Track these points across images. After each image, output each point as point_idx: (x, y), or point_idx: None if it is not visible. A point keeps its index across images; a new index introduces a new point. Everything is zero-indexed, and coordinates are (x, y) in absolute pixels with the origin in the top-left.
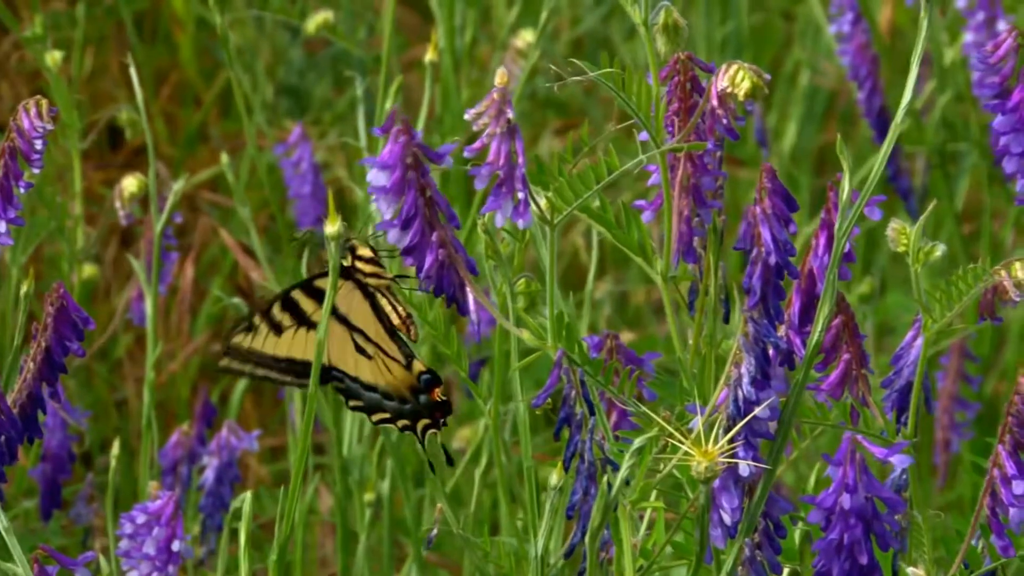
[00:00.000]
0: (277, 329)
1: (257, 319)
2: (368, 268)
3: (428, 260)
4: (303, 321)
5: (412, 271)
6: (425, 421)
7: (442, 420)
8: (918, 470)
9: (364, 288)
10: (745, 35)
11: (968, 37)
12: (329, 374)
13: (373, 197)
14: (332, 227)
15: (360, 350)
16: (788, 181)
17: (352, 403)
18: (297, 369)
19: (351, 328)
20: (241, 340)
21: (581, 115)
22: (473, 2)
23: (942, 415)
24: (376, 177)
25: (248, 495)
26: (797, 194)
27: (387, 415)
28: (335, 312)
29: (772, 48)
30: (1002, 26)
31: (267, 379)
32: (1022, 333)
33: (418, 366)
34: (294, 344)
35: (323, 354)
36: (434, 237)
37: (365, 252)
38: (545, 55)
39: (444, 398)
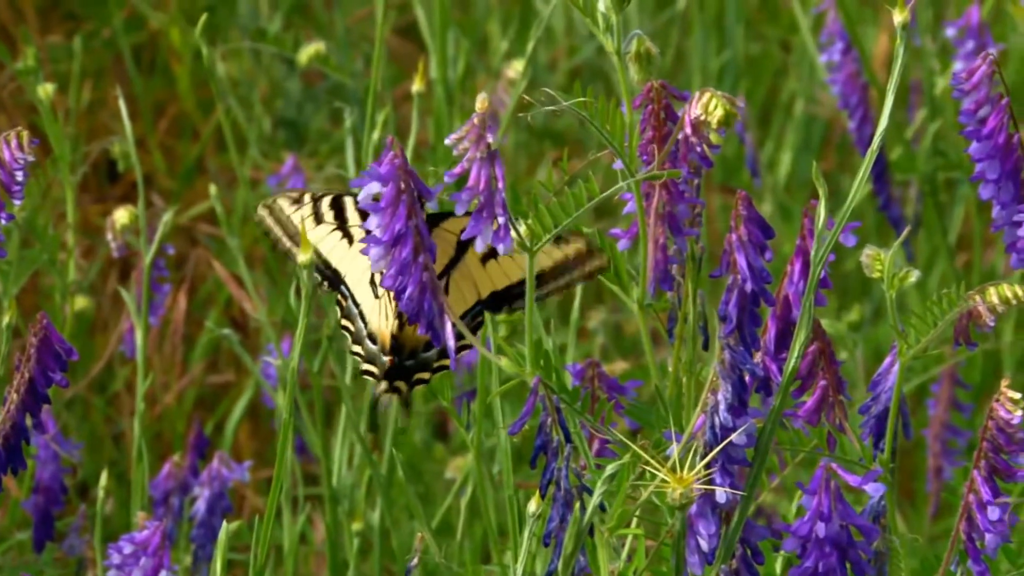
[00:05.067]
0: (318, 218)
1: (307, 198)
2: None
3: (413, 283)
4: (342, 227)
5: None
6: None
7: (397, 387)
8: (910, 498)
9: None
10: (741, 64)
11: (958, 66)
12: (338, 286)
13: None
14: (304, 256)
15: (373, 284)
16: (782, 211)
17: (344, 322)
18: (318, 264)
19: None
20: (285, 206)
21: (577, 145)
22: (468, 32)
23: (933, 442)
24: (372, 188)
25: (226, 525)
26: (791, 224)
27: (362, 352)
28: None
29: (768, 77)
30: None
31: (289, 253)
32: (1019, 362)
33: (395, 329)
34: (323, 241)
35: (296, 380)
36: (420, 259)
37: None
38: (542, 85)
39: (393, 366)
